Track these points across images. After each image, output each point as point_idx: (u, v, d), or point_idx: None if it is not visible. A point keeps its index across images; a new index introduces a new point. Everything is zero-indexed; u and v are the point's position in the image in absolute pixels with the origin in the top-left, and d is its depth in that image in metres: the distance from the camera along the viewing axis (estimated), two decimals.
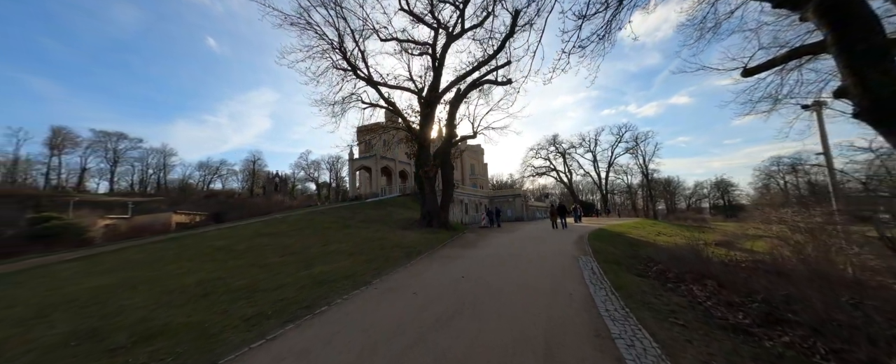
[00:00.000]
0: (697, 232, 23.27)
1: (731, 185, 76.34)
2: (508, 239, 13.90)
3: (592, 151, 58.32)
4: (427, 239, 12.73)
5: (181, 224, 23.68)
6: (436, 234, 14.58)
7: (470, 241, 12.96)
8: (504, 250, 10.55)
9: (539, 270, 7.35)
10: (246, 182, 66.82)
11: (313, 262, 8.36)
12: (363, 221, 15.56)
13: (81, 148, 59.59)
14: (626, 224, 22.36)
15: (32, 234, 13.45)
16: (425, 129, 16.09)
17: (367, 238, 12.06)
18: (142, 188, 64.51)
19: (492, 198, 36.54)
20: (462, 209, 28.70)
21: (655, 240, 15.53)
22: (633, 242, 13.43)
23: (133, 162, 63.47)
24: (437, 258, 9.32)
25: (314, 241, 11.03)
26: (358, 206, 20.14)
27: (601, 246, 11.29)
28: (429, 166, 15.89)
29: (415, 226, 15.96)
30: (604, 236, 14.59)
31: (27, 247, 12.27)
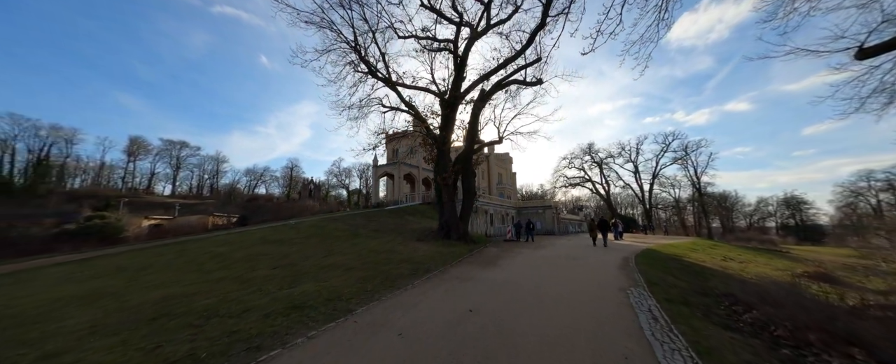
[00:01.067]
0: (774, 258, 18.99)
1: (805, 203, 65.41)
2: (537, 257, 11.81)
3: (634, 161, 53.12)
4: (441, 253, 11.12)
5: (216, 225, 24.42)
6: (452, 247, 12.92)
7: (490, 259, 11.12)
8: (530, 273, 8.59)
9: (576, 307, 5.40)
10: (285, 187, 70.44)
11: (302, 278, 7.15)
12: (376, 230, 14.39)
13: (152, 155, 67.10)
14: (679, 245, 18.88)
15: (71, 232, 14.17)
16: (445, 132, 14.73)
17: (373, 250, 10.76)
18: (198, 191, 70.83)
19: (520, 209, 34.03)
20: (486, 220, 26.70)
21: (724, 267, 12.42)
22: (695, 270, 10.66)
23: (192, 168, 69.94)
24: (446, 279, 7.67)
25: (316, 251, 9.96)
26: (376, 214, 19.16)
27: (656, 274, 8.87)
28: (447, 173, 14.41)
29: (431, 237, 14.44)
30: (655, 259, 11.90)
31: (55, 245, 12.76)
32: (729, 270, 11.58)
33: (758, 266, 14.12)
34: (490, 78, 15.19)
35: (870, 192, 58.97)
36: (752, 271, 12.23)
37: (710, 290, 7.78)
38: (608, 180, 53.77)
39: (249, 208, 52.60)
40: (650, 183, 52.01)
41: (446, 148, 14.55)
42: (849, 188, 61.60)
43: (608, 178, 53.81)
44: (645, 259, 11.79)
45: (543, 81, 17.09)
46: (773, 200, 68.67)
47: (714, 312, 5.61)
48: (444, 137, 14.55)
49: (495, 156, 44.29)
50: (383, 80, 14.26)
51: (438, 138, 14.62)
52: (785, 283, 7.35)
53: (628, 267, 9.81)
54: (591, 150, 54.17)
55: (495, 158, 43.66)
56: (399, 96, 15.66)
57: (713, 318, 5.30)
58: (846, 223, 64.24)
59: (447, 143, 14.50)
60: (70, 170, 59.73)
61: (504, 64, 14.62)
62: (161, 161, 67.32)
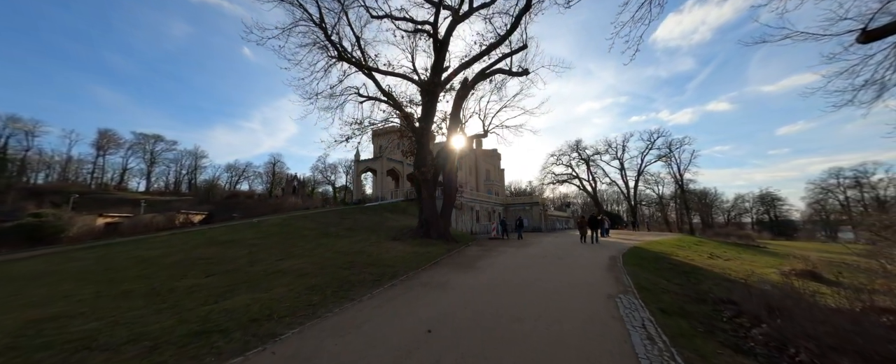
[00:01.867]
0: (757, 254, 18.80)
1: (779, 200, 67.59)
2: (520, 256, 10.90)
3: (620, 158, 53.29)
4: (415, 255, 10.05)
5: (183, 223, 22.63)
6: (430, 246, 11.86)
7: (469, 260, 10.12)
8: (510, 277, 7.62)
9: (558, 323, 4.43)
10: (267, 184, 67.77)
11: (238, 288, 5.94)
12: (349, 229, 13.18)
13: (124, 149, 63.22)
14: (665, 242, 18.44)
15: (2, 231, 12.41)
16: (425, 123, 13.58)
17: (340, 251, 9.59)
18: (176, 188, 67.35)
19: (507, 205, 33.29)
20: (472, 217, 25.77)
21: (712, 266, 11.84)
22: (685, 270, 9.97)
23: (168, 163, 66.36)
24: (412, 286, 6.61)
25: (270, 254, 8.71)
26: (353, 211, 17.88)
27: (645, 276, 8.06)
28: (426, 167, 13.30)
29: (408, 236, 13.34)
30: (643, 258, 11.18)
31: None
32: (718, 270, 10.97)
33: (744, 263, 13.68)
34: (473, 65, 14.10)
35: (839, 188, 61.35)
36: (741, 270, 11.68)
37: (705, 294, 7.01)
38: (595, 177, 53.86)
39: (228, 205, 50.14)
40: (635, 180, 52.36)
41: (426, 140, 13.42)
42: (820, 185, 63.91)
43: (595, 175, 53.90)
44: (633, 258, 11.05)
45: (530, 72, 16.13)
46: (749, 197, 70.61)
47: (717, 327, 4.75)
48: (423, 128, 13.41)
49: (483, 152, 43.38)
50: (355, 64, 12.92)
51: (418, 129, 13.46)
52: (787, 288, 6.62)
53: (616, 267, 9.00)
54: (579, 146, 54.08)
55: (483, 154, 42.76)
56: (376, 84, 14.39)
57: (718, 334, 4.43)
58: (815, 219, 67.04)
59: (427, 135, 13.37)
60: (33, 164, 55.61)
61: (488, 50, 13.55)
62: (134, 156, 63.59)
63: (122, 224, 20.69)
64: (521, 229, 19.18)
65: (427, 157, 13.37)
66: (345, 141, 13.37)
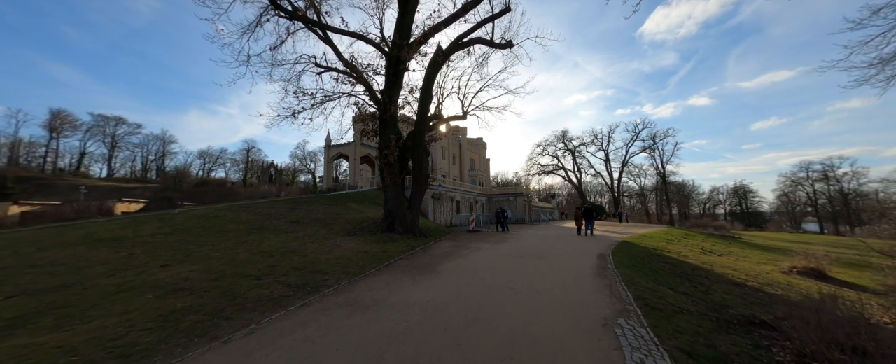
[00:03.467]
0: (746, 248, 17.80)
1: (751, 192, 69.34)
2: (495, 255, 9.04)
3: (605, 150, 52.41)
4: (366, 255, 8.00)
5: (125, 211, 19.67)
6: (390, 243, 9.84)
7: (432, 261, 8.17)
8: (473, 288, 5.70)
9: None
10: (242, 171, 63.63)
11: (24, 323, 3.72)
12: (295, 222, 10.94)
13: (82, 132, 57.47)
14: (653, 235, 17.13)
15: None
16: (389, 95, 11.27)
17: (261, 251, 7.41)
18: (143, 174, 62.27)
19: (490, 196, 31.56)
20: (452, 208, 23.85)
21: (708, 263, 10.38)
22: (685, 271, 8.37)
23: (133, 148, 61.03)
24: (330, 307, 4.59)
25: (156, 257, 6.46)
26: (313, 200, 15.53)
27: (644, 283, 6.33)
28: (389, 148, 11.10)
29: (368, 230, 11.25)
30: (636, 257, 9.55)
31: None
32: (718, 269, 9.47)
33: (739, 260, 12.40)
34: (446, 30, 11.78)
35: (808, 181, 63.16)
36: (741, 268, 10.28)
37: (723, 309, 5.32)
38: (580, 168, 52.93)
39: (197, 193, 46.43)
40: (620, 171, 51.76)
41: (389, 116, 11.15)
42: (790, 178, 65.69)
43: (580, 166, 52.96)
44: (624, 256, 9.40)
45: (514, 44, 13.96)
46: (723, 189, 72.07)
47: None
48: (386, 102, 11.11)
49: (468, 140, 41.31)
50: (289, 15, 10.17)
51: (380, 103, 11.15)
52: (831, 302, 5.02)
53: (607, 270, 7.25)
54: (565, 137, 52.78)
55: (468, 143, 40.70)
56: (333, 49, 11.87)
57: None
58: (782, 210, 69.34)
59: (391, 110, 11.09)
60: None
61: (464, 10, 11.26)
62: (94, 139, 57.94)
63: (48, 213, 17.60)
64: (505, 222, 17.43)
65: (391, 137, 11.14)
66: (291, 116, 10.92)
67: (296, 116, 10.96)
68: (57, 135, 55.25)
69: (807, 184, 64.03)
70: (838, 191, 58.94)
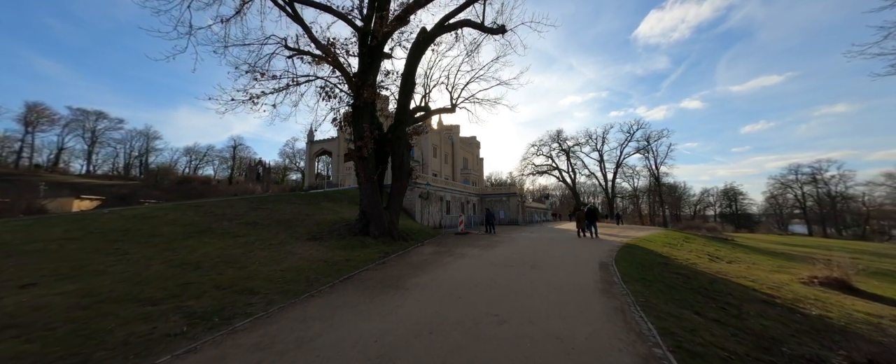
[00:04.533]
0: (750, 252, 16.69)
1: (740, 194, 69.40)
2: (480, 264, 7.62)
3: (599, 151, 51.55)
4: (325, 264, 6.51)
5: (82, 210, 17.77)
6: (361, 249, 8.34)
7: (404, 272, 6.71)
8: (448, 317, 4.25)
9: None
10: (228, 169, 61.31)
11: None
12: (252, 224, 9.36)
13: (60, 126, 54.62)
14: (654, 238, 15.91)
15: None
16: (363, 79, 9.74)
17: (191, 262, 5.87)
18: (126, 171, 59.53)
19: (483, 196, 30.20)
20: (442, 208, 22.39)
21: (723, 273, 9.11)
22: (703, 284, 7.05)
23: (115, 144, 58.29)
24: (246, 349, 3.10)
25: (34, 269, 4.88)
26: (279, 199, 13.90)
27: (664, 306, 4.96)
28: (363, 139, 9.60)
29: (339, 233, 9.73)
30: (643, 266, 8.21)
31: None
32: (736, 279, 8.18)
33: (751, 268, 11.18)
34: (431, 5, 10.31)
35: (797, 184, 63.29)
36: (759, 279, 9.02)
37: (773, 345, 3.97)
38: (574, 169, 51.95)
39: (179, 191, 44.20)
40: (614, 172, 50.91)
41: (362, 103, 9.63)
42: (780, 180, 65.86)
43: (574, 167, 51.98)
44: (630, 266, 8.06)
45: (506, 30, 12.59)
46: (714, 191, 72.13)
47: None
48: (359, 86, 9.60)
49: (462, 139, 39.91)
50: None
51: (353, 86, 9.62)
52: None
53: (615, 286, 5.89)
54: (560, 137, 51.77)
55: (461, 142, 39.29)
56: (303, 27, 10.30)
57: None
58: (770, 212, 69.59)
59: (365, 96, 9.56)
60: None
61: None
62: (72, 134, 55.12)
63: None
64: (493, 225, 16.10)
65: (365, 127, 9.63)
66: (249, 101, 9.33)
67: (255, 102, 9.37)
68: (32, 129, 52.37)
69: (796, 186, 64.15)
70: (826, 193, 59.08)
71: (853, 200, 55.00)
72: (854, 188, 55.34)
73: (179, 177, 51.00)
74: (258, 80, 9.05)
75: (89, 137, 55.18)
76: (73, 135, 55.05)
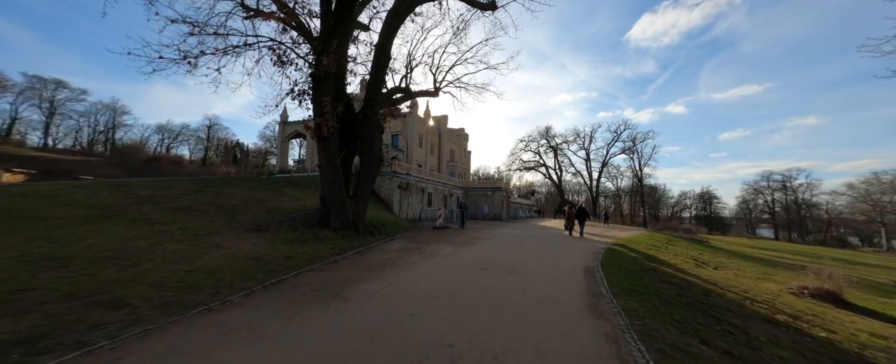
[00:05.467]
0: (732, 257, 16.36)
1: (715, 198, 71.61)
2: (449, 266, 6.46)
3: (586, 149, 51.34)
4: (257, 262, 5.17)
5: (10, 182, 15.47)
6: (313, 244, 7.00)
7: (356, 275, 5.46)
8: (384, 348, 3.03)
9: None
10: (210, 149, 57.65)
11: None
12: (180, 209, 7.81)
13: (14, 94, 49.38)
14: (638, 240, 15.25)
15: None
16: (325, 46, 8.17)
17: (65, 256, 4.42)
18: (90, 146, 54.91)
19: (467, 189, 29.11)
20: (423, 200, 21.13)
21: (712, 281, 8.34)
22: (697, 297, 6.16)
23: (78, 116, 53.45)
24: None
25: None
26: (232, 182, 12.23)
27: (663, 332, 3.94)
28: (324, 115, 8.12)
29: (293, 224, 8.31)
30: (632, 274, 7.28)
31: None
32: (731, 292, 7.39)
33: (740, 276, 10.56)
34: None
35: (768, 190, 65.74)
36: (747, 288, 8.31)
37: None
38: (561, 166, 51.62)
39: (145, 170, 40.99)
40: (599, 171, 50.92)
41: (323, 72, 8.09)
42: (753, 186, 68.21)
43: (561, 164, 51.64)
44: (618, 273, 7.11)
45: (497, 6, 11.23)
46: (691, 194, 74.14)
47: None
48: (320, 52, 8.05)
49: (449, 130, 38.48)
50: None
51: (314, 47, 8.04)
52: None
53: (603, 300, 4.86)
54: (549, 133, 51.14)
55: (448, 133, 37.87)
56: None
57: None
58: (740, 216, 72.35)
59: (326, 64, 7.99)
60: None
61: None
62: (28, 104, 50.03)
63: None
64: (463, 219, 15.10)
65: (325, 101, 8.13)
66: (185, 62, 7.62)
67: (192, 64, 7.68)
68: None
69: (767, 192, 66.56)
70: (794, 200, 61.54)
71: (817, 208, 57.56)
72: (819, 196, 57.73)
73: (147, 155, 47.36)
74: (194, 35, 7.35)
75: (47, 108, 50.25)
76: (28, 104, 49.98)
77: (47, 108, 50.36)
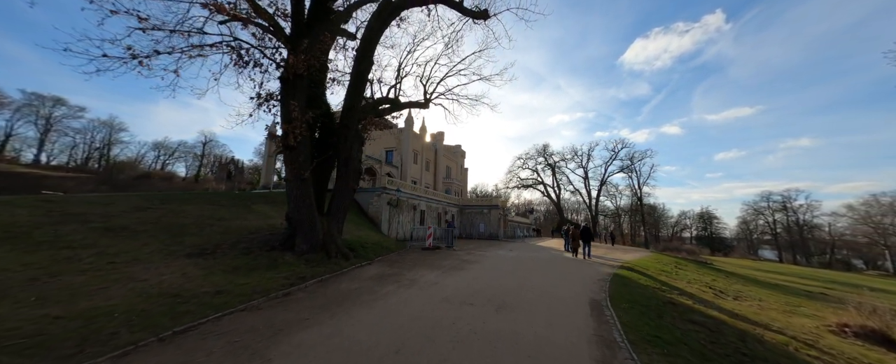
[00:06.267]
0: (748, 283, 14.91)
1: (715, 218, 70.20)
2: (423, 304, 5.22)
3: (584, 167, 50.66)
4: (165, 302, 3.97)
5: None
6: (261, 273, 5.75)
7: (300, 317, 4.21)
8: None
9: None
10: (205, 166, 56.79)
11: None
12: (112, 230, 6.61)
13: (11, 111, 49.14)
14: (643, 263, 13.91)
15: None
16: (295, 45, 7.33)
17: None
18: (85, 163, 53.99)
19: (462, 207, 27.88)
20: (414, 218, 19.86)
21: (743, 315, 7.01)
22: (733, 344, 4.88)
23: (74, 133, 52.97)
24: None
25: None
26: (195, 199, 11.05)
27: None
28: (291, 122, 7.15)
29: (248, 246, 7.07)
30: (649, 310, 5.99)
31: None
32: (764, 331, 6.08)
33: (763, 308, 9.19)
34: None
35: (768, 210, 64.56)
36: (782, 325, 6.97)
37: None
38: (559, 184, 50.68)
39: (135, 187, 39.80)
40: (598, 190, 49.94)
41: (291, 74, 7.21)
42: (753, 206, 67.10)
43: (560, 182, 50.73)
44: (631, 307, 5.84)
45: (489, 15, 10.72)
46: (690, 214, 72.92)
47: None
48: (291, 51, 7.22)
49: (445, 147, 37.90)
50: None
51: (289, 55, 7.21)
52: None
53: (616, 350, 3.62)
54: (546, 151, 50.70)
55: (445, 150, 37.26)
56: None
57: None
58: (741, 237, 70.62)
59: (294, 64, 7.09)
60: None
61: None
62: (24, 120, 49.66)
63: None
64: (451, 238, 13.90)
65: (292, 104, 7.19)
66: (135, 62, 6.75)
67: (144, 64, 6.81)
68: None
69: (767, 213, 65.40)
70: (795, 221, 60.23)
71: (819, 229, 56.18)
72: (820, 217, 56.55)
73: (140, 172, 46.34)
74: (145, 32, 6.54)
75: (43, 124, 49.84)
76: (24, 121, 49.60)
77: (43, 124, 49.98)
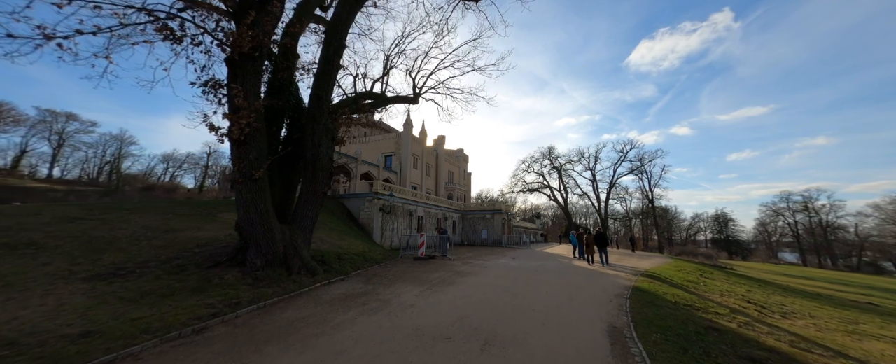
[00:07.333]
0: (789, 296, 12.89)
1: (731, 220, 66.55)
2: (390, 337, 3.80)
3: (592, 170, 48.52)
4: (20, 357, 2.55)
5: None
6: (178, 299, 4.41)
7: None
8: None
9: None
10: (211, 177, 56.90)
11: None
12: (14, 246, 5.40)
13: (26, 127, 50.23)
14: (663, 270, 12.12)
15: None
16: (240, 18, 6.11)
17: None
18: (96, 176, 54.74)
19: (464, 212, 26.32)
20: (410, 225, 18.42)
21: (808, 339, 5.33)
22: None
23: (86, 147, 53.87)
24: None
25: None
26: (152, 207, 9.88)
27: None
28: (240, 112, 5.91)
29: (179, 263, 5.76)
30: (689, 343, 4.39)
31: None
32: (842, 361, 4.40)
33: (821, 329, 7.37)
34: None
35: (788, 211, 60.84)
36: (863, 357, 5.24)
37: None
38: (566, 187, 48.61)
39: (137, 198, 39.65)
40: (607, 192, 47.63)
41: (238, 55, 6.00)
42: (772, 207, 63.37)
43: (566, 185, 48.67)
44: (665, 340, 4.27)
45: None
46: (704, 216, 69.56)
47: None
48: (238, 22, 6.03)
49: (447, 152, 36.64)
50: None
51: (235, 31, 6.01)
52: None
53: None
54: (551, 154, 48.83)
55: (446, 154, 35.98)
56: None
57: None
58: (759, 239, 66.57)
59: (240, 43, 5.87)
60: None
61: None
62: (38, 136, 50.67)
63: None
64: (445, 246, 12.44)
65: (236, 89, 5.95)
66: (54, 46, 5.69)
67: (64, 48, 5.71)
68: None
69: (788, 214, 61.69)
70: (818, 223, 56.48)
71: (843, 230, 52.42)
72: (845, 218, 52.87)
73: (146, 184, 46.44)
74: (61, 8, 5.47)
75: (56, 140, 50.76)
76: (39, 136, 50.65)
77: (56, 139, 50.92)
